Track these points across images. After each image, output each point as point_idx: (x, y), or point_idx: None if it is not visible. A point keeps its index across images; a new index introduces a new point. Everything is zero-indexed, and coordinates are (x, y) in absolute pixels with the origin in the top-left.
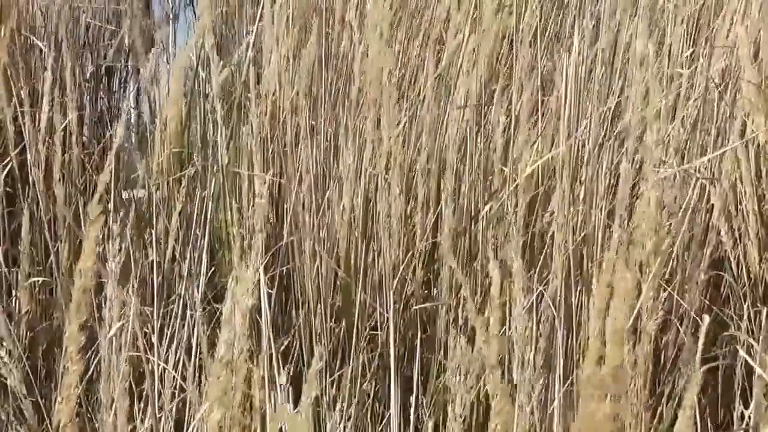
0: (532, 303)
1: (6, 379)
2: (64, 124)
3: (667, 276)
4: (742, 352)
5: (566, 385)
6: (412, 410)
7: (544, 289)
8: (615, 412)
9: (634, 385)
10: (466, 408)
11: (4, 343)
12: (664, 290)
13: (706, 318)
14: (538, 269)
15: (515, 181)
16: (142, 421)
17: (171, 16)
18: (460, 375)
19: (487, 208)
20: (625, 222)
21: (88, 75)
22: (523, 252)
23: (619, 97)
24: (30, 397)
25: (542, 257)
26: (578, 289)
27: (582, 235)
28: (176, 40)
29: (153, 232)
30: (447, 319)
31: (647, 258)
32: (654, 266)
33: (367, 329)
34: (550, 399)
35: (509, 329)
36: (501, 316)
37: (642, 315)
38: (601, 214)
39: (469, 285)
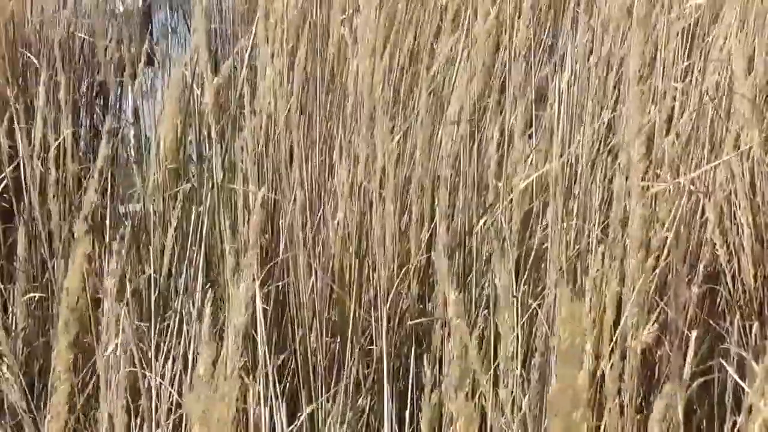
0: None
1: (6, 394)
2: (58, 141)
3: (660, 289)
4: (730, 369)
5: None
6: (407, 425)
7: (539, 305)
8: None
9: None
10: None
11: (4, 359)
12: (657, 304)
13: (694, 333)
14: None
15: (509, 195)
16: None
17: (168, 30)
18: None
19: (481, 222)
20: (619, 237)
21: (84, 90)
22: (517, 266)
23: (613, 112)
24: (28, 413)
25: (535, 271)
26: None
27: (576, 249)
28: (173, 55)
29: (149, 247)
30: (442, 333)
31: (633, 274)
32: (638, 282)
33: (363, 344)
34: (544, 417)
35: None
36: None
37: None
38: (595, 228)
39: (463, 302)
